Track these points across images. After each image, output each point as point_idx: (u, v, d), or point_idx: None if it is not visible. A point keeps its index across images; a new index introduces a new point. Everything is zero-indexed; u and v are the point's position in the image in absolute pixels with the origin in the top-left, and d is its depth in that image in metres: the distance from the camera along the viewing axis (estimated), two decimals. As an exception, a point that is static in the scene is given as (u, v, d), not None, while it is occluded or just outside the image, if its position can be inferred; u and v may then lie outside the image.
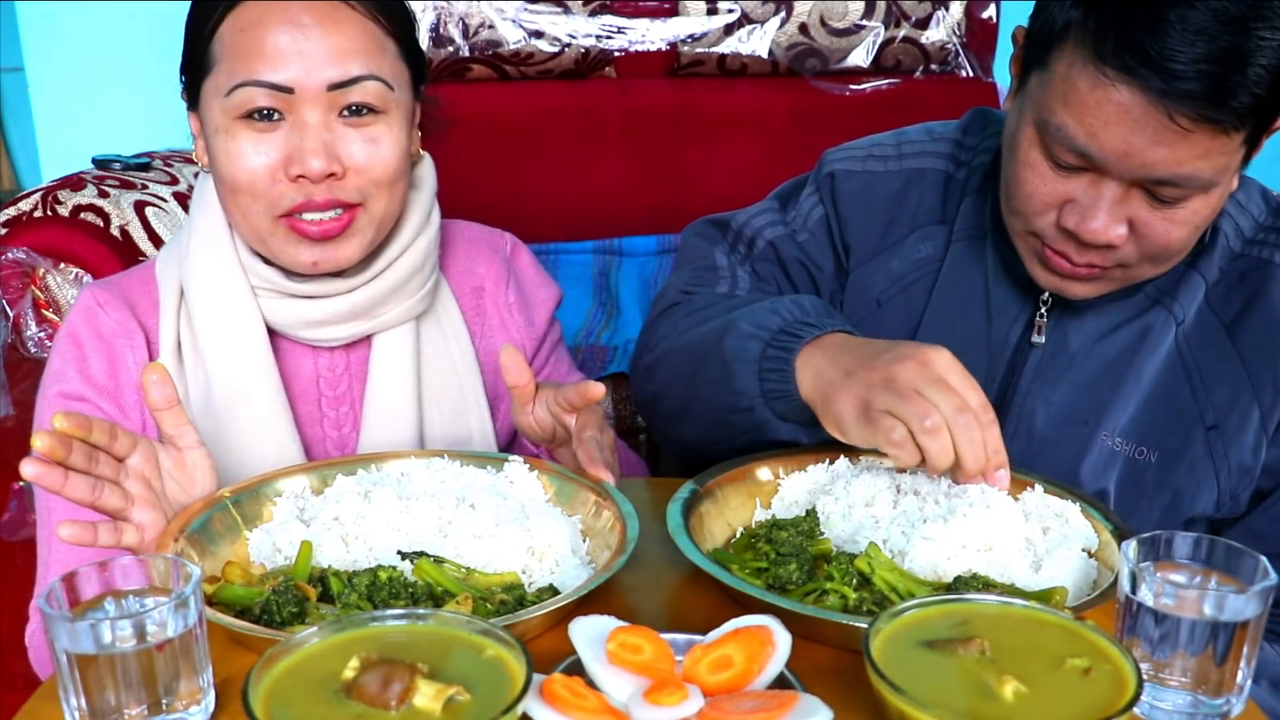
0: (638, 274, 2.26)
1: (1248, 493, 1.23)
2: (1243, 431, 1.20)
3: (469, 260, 1.36)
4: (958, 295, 1.29)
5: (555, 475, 1.10)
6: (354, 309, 1.22)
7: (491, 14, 2.29)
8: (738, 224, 1.40)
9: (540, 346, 1.40)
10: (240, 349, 1.20)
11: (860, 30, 2.37)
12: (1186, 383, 1.22)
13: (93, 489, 0.94)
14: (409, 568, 0.95)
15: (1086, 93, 1.05)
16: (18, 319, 1.63)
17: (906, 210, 1.33)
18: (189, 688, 0.78)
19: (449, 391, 1.29)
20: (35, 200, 1.69)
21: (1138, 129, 1.03)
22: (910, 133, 1.38)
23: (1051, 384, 1.25)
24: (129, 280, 1.27)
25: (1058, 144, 1.09)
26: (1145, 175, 1.06)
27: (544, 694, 0.74)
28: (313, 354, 1.26)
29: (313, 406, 1.26)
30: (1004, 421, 1.24)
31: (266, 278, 1.20)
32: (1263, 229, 1.24)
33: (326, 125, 1.13)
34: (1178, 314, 1.23)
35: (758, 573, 0.99)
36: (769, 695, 0.76)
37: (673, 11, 2.34)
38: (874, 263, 1.33)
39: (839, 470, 1.11)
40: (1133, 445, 1.23)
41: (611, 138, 2.35)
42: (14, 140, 3.72)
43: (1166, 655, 0.80)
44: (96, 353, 1.20)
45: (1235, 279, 1.23)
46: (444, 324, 1.31)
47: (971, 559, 0.96)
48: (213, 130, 1.15)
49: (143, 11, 2.45)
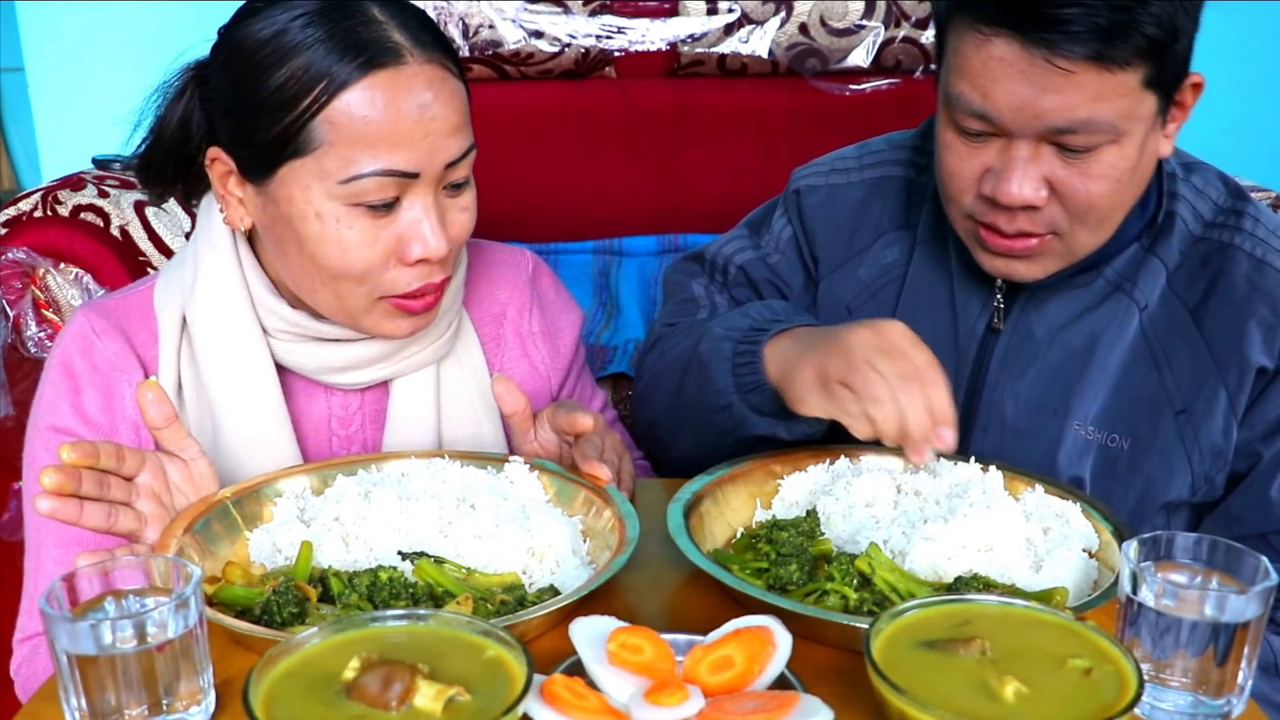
0: (638, 274, 2.26)
1: (1222, 476, 1.24)
2: (1211, 415, 1.21)
3: (489, 285, 1.31)
4: (924, 297, 1.32)
5: (555, 476, 1.10)
6: (380, 354, 1.18)
7: (491, 14, 2.28)
8: (711, 254, 1.44)
9: (567, 377, 1.35)
10: (250, 394, 1.15)
11: (860, 30, 2.36)
12: (1154, 369, 1.23)
13: (108, 515, 0.94)
14: (409, 568, 0.95)
15: (972, 55, 1.09)
16: (18, 319, 1.63)
17: (870, 218, 1.36)
18: (189, 688, 0.78)
19: (467, 431, 1.25)
20: (35, 200, 1.69)
21: (1023, 79, 1.06)
22: (872, 144, 1.42)
23: (1018, 374, 1.26)
24: (125, 306, 1.21)
25: (960, 113, 1.12)
26: (1045, 126, 1.08)
27: (544, 694, 0.74)
28: (325, 394, 1.21)
29: (323, 447, 1.22)
30: (975, 414, 1.28)
31: (293, 321, 1.14)
32: (1222, 211, 1.25)
33: (438, 203, 1.08)
34: (1139, 300, 1.24)
35: (758, 573, 0.99)
36: (769, 696, 0.76)
37: (673, 11, 2.34)
38: (842, 270, 1.36)
39: (839, 471, 1.11)
40: (1105, 433, 1.24)
41: (611, 138, 2.35)
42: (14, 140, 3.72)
43: (1167, 656, 0.80)
44: (91, 386, 1.16)
45: (1197, 263, 1.24)
46: (465, 365, 1.25)
47: (972, 559, 0.96)
48: (308, 214, 1.05)
49: (143, 11, 2.45)
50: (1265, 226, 1.23)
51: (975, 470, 1.08)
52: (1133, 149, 1.11)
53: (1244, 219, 1.23)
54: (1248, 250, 1.22)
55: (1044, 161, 1.11)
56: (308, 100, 1.02)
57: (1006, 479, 1.07)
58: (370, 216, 1.05)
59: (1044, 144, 1.10)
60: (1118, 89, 1.06)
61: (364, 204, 1.05)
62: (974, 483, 1.05)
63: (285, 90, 1.03)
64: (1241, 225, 1.23)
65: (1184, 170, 1.27)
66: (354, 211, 1.05)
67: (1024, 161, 1.10)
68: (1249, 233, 1.23)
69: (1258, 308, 1.20)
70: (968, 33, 1.09)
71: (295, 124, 1.03)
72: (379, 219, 1.06)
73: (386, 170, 1.03)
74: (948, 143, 1.16)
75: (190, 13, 1.15)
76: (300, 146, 1.04)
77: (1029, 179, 1.11)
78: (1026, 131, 1.09)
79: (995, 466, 1.09)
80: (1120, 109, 1.07)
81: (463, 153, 1.08)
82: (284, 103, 1.03)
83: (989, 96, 1.09)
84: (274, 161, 1.06)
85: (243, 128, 1.06)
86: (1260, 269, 1.21)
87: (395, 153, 1.03)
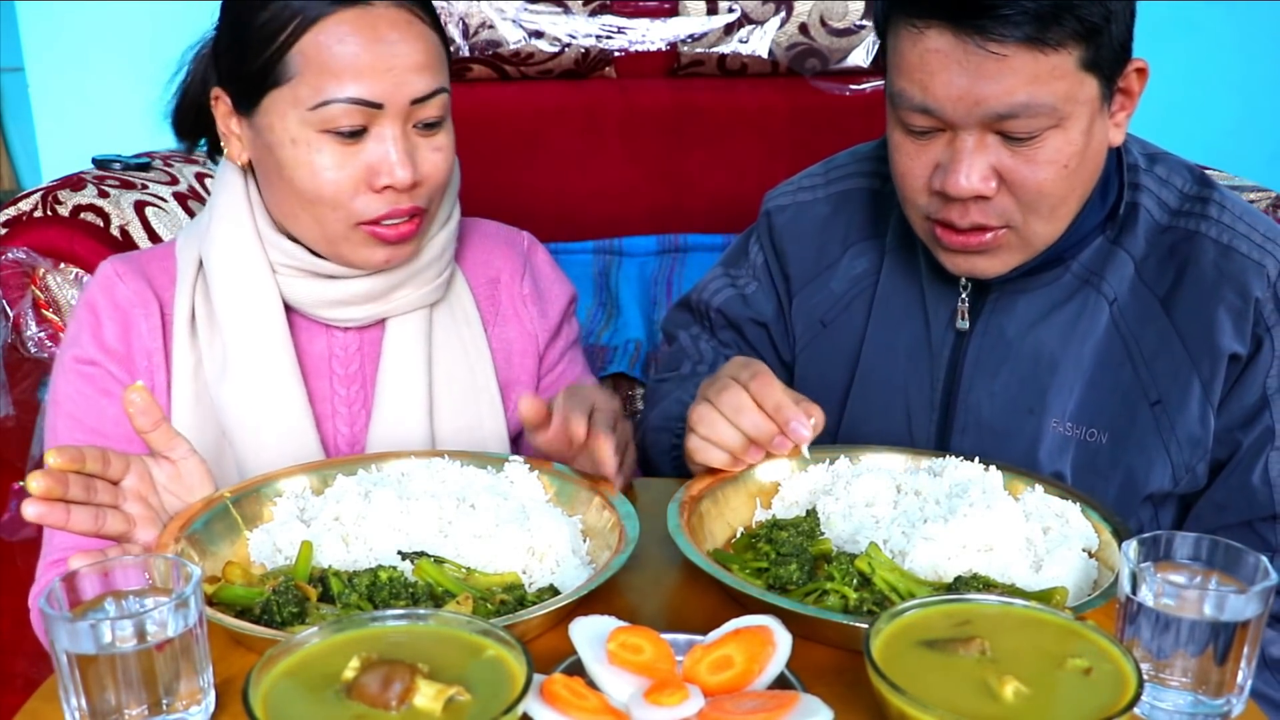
0: (638, 274, 2.26)
1: (1203, 464, 1.23)
2: (1186, 404, 1.21)
3: (486, 253, 1.39)
4: (896, 304, 1.33)
5: (555, 475, 1.10)
6: (370, 291, 1.24)
7: (491, 14, 2.29)
8: (694, 300, 1.48)
9: (554, 340, 1.41)
10: (257, 323, 1.23)
11: (860, 30, 2.37)
12: (1128, 361, 1.23)
13: (95, 519, 0.96)
14: (409, 568, 0.95)
15: (909, 51, 1.11)
16: (18, 319, 1.63)
17: (838, 231, 1.38)
18: (189, 688, 0.78)
19: (460, 376, 1.31)
20: (35, 200, 1.69)
21: (959, 68, 1.08)
22: (838, 158, 1.44)
23: (991, 374, 1.27)
24: (148, 255, 1.31)
25: (905, 110, 1.14)
26: (985, 113, 1.09)
27: (544, 694, 0.74)
28: (326, 333, 1.28)
29: (324, 384, 1.28)
30: (952, 417, 1.29)
31: (292, 254, 1.22)
32: (1187, 199, 1.25)
33: (405, 136, 1.16)
34: (1108, 293, 1.24)
35: (758, 573, 0.99)
36: (769, 695, 0.76)
37: (673, 11, 2.34)
38: (813, 285, 1.38)
39: (839, 470, 1.11)
40: (1083, 428, 1.25)
41: (611, 138, 2.35)
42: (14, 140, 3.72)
43: (1167, 655, 0.80)
44: (111, 320, 1.23)
45: (1165, 252, 1.24)
46: (456, 312, 1.33)
47: (972, 559, 0.96)
48: (284, 140, 1.15)
49: (142, 11, 2.45)
50: (1231, 213, 1.23)
51: (976, 470, 1.08)
52: (1077, 134, 1.12)
53: (1210, 206, 1.24)
54: (1214, 237, 1.22)
55: (990, 151, 1.12)
56: (285, 34, 1.13)
57: (1006, 479, 1.07)
58: (340, 143, 1.15)
59: (989, 133, 1.11)
60: (1054, 71, 1.08)
61: (333, 130, 1.14)
62: (974, 483, 1.05)
63: (268, 26, 1.14)
64: (1207, 213, 1.23)
65: (1147, 161, 1.27)
66: (324, 138, 1.14)
67: (970, 152, 1.12)
68: (1215, 219, 1.23)
69: (1226, 294, 1.20)
70: (903, 29, 1.12)
71: (274, 56, 1.14)
72: (348, 146, 1.15)
73: (351, 99, 1.13)
74: (897, 143, 1.18)
75: (190, 13, 1.17)
76: (278, 76, 1.14)
77: (976, 169, 1.12)
78: (969, 121, 1.11)
79: (996, 466, 1.09)
80: (1059, 92, 1.09)
81: (429, 91, 1.16)
82: (267, 36, 1.14)
83: (928, 89, 1.11)
84: (258, 93, 1.16)
85: (235, 62, 1.18)
86: (1228, 255, 1.21)
87: (359, 82, 1.13)
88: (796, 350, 1.40)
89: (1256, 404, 1.21)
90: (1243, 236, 1.21)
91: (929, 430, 1.30)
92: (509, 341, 1.37)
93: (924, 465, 1.11)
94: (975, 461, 1.10)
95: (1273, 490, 1.21)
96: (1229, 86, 2.78)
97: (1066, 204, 1.16)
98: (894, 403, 1.31)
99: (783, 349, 1.42)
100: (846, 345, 1.35)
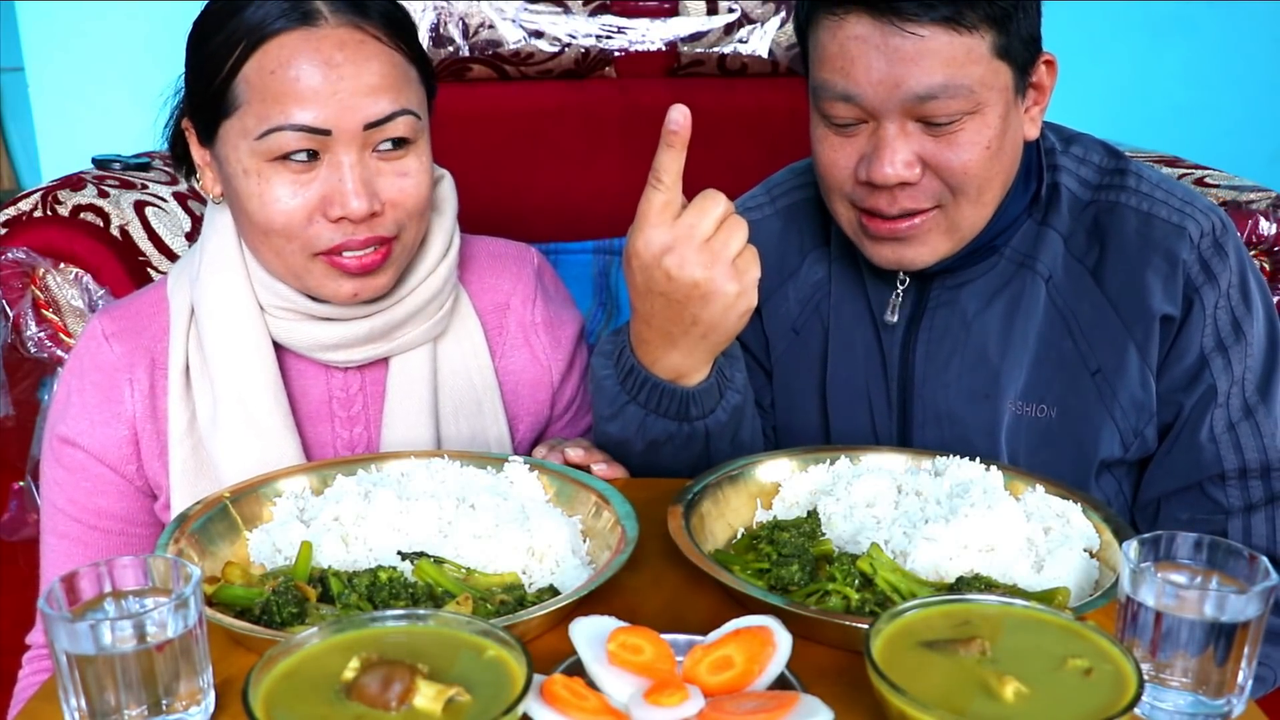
0: (638, 274, 2.25)
1: (1151, 428, 1.27)
2: (1124, 370, 1.25)
3: (494, 276, 1.33)
4: (847, 308, 1.36)
5: (555, 475, 1.10)
6: (371, 333, 1.20)
7: (491, 14, 2.28)
8: None
9: (569, 372, 1.37)
10: (246, 367, 1.18)
11: (860, 30, 2.36)
12: (1068, 334, 1.27)
13: None
14: (409, 568, 0.94)
15: (829, 41, 1.16)
16: (18, 319, 1.63)
17: (794, 241, 1.41)
18: (189, 688, 0.78)
19: (466, 410, 1.27)
20: (35, 200, 1.69)
21: (879, 53, 1.12)
22: (776, 177, 1.48)
23: (942, 366, 1.30)
24: (140, 304, 1.25)
25: (827, 101, 1.18)
26: (905, 95, 1.13)
27: (544, 694, 0.74)
28: (325, 374, 1.24)
29: (325, 427, 1.24)
30: (911, 412, 1.32)
31: (285, 296, 1.18)
32: (1105, 173, 1.30)
33: (362, 163, 1.11)
34: (1042, 271, 1.28)
35: (759, 574, 0.99)
36: (770, 696, 0.76)
37: (673, 11, 2.34)
38: (779, 294, 1.40)
39: (840, 471, 1.11)
40: (1034, 405, 1.28)
41: (611, 138, 2.35)
42: (14, 140, 3.72)
43: (1167, 656, 0.80)
44: (93, 387, 1.20)
45: (1090, 225, 1.29)
46: (464, 342, 1.28)
47: (973, 559, 0.96)
48: (238, 171, 1.12)
49: (142, 12, 2.45)
50: (1148, 181, 1.29)
51: (977, 470, 1.08)
52: (994, 119, 1.16)
53: (1127, 177, 1.29)
54: (1134, 206, 1.27)
55: (913, 139, 1.16)
56: (231, 60, 1.09)
57: (1007, 479, 1.07)
58: (290, 172, 1.10)
59: (910, 120, 1.15)
60: (970, 54, 1.12)
61: (281, 159, 1.10)
62: (975, 483, 1.05)
63: (217, 53, 1.10)
64: (1125, 184, 1.29)
65: (1063, 143, 1.32)
66: (274, 166, 1.10)
67: (893, 139, 1.16)
68: (1134, 189, 1.28)
69: (1152, 258, 1.25)
70: (824, 21, 1.16)
71: (223, 84, 1.10)
72: (299, 174, 1.10)
73: (294, 125, 1.08)
74: (821, 137, 1.22)
75: (190, 13, 1.16)
76: (228, 106, 1.11)
77: (900, 155, 1.16)
78: (890, 106, 1.14)
79: (996, 466, 1.09)
80: (975, 76, 1.13)
81: (385, 115, 1.11)
82: (216, 64, 1.11)
83: (850, 75, 1.14)
84: (214, 123, 1.13)
85: (193, 93, 1.15)
86: (1149, 222, 1.26)
87: (304, 108, 1.08)
88: (773, 358, 1.42)
89: (1195, 364, 1.25)
90: (1161, 203, 1.27)
91: (890, 427, 1.33)
92: (517, 371, 1.32)
93: (925, 465, 1.12)
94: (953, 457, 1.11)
95: (1219, 447, 1.25)
96: (1229, 86, 2.78)
97: (991, 187, 1.20)
98: (857, 403, 1.35)
99: (760, 357, 1.43)
100: (814, 350, 1.39)
